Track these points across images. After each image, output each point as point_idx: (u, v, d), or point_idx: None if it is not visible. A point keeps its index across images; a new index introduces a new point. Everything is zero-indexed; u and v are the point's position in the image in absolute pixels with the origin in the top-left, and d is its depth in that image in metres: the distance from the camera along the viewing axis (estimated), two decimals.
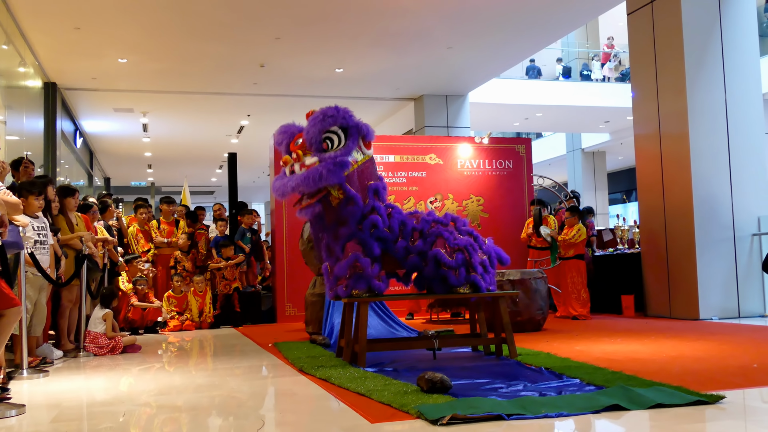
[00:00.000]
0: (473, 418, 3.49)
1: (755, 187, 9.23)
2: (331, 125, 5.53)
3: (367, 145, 5.72)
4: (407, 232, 5.73)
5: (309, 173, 5.35)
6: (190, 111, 16.51)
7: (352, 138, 5.58)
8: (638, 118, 9.98)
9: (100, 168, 23.25)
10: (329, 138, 5.53)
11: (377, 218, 5.58)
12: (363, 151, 5.68)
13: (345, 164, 5.45)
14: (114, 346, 7.17)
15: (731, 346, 6.15)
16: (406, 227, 5.73)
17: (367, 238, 5.55)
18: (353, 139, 5.59)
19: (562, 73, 20.10)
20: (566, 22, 11.67)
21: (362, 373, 5.04)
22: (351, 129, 5.59)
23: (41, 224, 6.26)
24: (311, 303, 7.99)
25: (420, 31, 11.45)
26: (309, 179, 5.34)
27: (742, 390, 4.19)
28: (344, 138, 5.56)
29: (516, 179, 11.76)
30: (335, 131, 5.55)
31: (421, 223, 5.81)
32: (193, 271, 10.51)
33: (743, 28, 9.40)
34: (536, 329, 8.13)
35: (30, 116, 12.17)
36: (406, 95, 15.49)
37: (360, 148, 5.65)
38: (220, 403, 4.43)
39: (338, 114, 5.58)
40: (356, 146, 5.60)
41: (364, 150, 5.69)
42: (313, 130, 5.52)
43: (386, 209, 5.74)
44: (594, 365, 5.05)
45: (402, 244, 5.68)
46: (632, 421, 3.55)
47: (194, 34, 11.21)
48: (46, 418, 4.06)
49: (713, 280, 8.89)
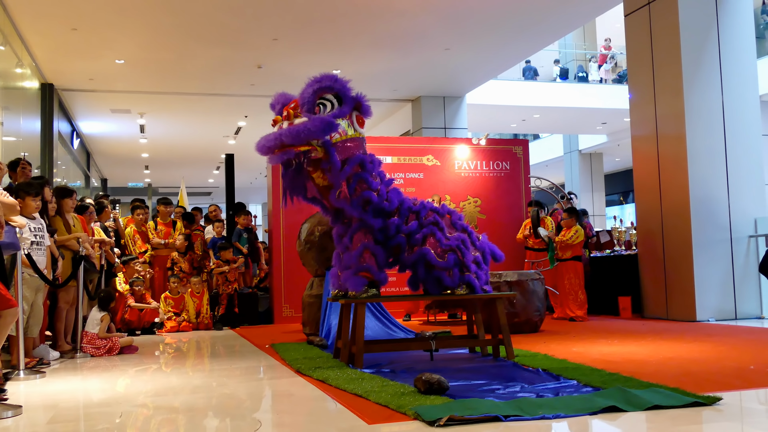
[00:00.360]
0: (470, 420, 3.49)
1: (752, 189, 9.24)
2: (327, 90, 5.49)
3: (360, 122, 5.66)
4: (403, 210, 5.70)
5: (293, 127, 5.27)
6: (188, 112, 16.50)
7: (345, 106, 5.54)
8: (635, 120, 9.99)
9: (97, 169, 23.23)
10: (322, 103, 5.49)
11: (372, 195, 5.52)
12: (354, 126, 5.60)
13: (332, 125, 5.33)
14: (111, 347, 7.16)
15: (728, 348, 6.15)
16: (404, 203, 5.71)
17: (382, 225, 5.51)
18: (346, 107, 5.53)
19: (560, 75, 20.12)
20: (563, 24, 11.69)
21: (359, 374, 5.03)
22: (347, 99, 5.56)
23: (38, 225, 6.25)
24: (308, 304, 7.99)
25: (417, 33, 11.45)
26: (292, 132, 5.25)
27: (739, 392, 4.19)
28: (337, 106, 5.52)
29: (513, 180, 11.77)
30: (330, 99, 5.52)
31: (419, 206, 5.79)
32: (190, 273, 10.50)
33: (740, 29, 9.42)
34: (533, 331, 8.13)
35: (27, 117, 12.16)
36: (404, 96, 15.50)
37: (352, 122, 5.59)
38: (217, 404, 4.43)
39: (336, 82, 5.55)
40: (347, 116, 5.53)
41: (356, 126, 5.61)
42: (308, 91, 5.45)
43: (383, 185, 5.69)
44: (591, 367, 5.05)
45: (395, 221, 5.62)
46: (629, 422, 3.55)
47: (191, 35, 11.21)
48: (42, 419, 4.05)
49: (710, 281, 8.90)
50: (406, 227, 5.66)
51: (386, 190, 5.70)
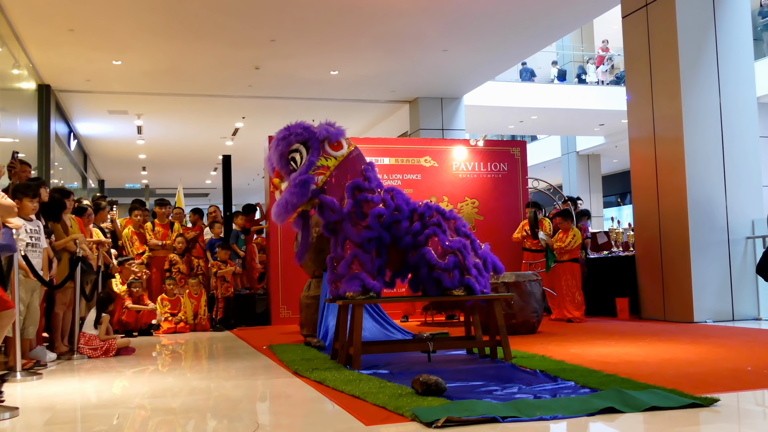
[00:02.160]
0: (468, 421, 3.49)
1: (749, 191, 9.25)
2: (287, 146, 5.72)
3: (336, 146, 5.78)
4: (408, 210, 5.80)
5: (280, 201, 5.64)
6: (185, 113, 16.49)
7: (312, 150, 5.72)
8: (633, 121, 9.99)
9: (94, 170, 23.21)
10: (293, 158, 5.74)
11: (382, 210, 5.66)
12: (332, 154, 5.76)
13: (307, 181, 5.58)
14: (108, 348, 7.15)
15: (725, 349, 6.16)
16: (408, 205, 5.83)
17: (370, 236, 5.59)
18: (314, 151, 5.72)
19: (557, 76, 20.14)
20: (561, 26, 11.70)
21: (357, 375, 5.03)
22: (311, 140, 5.75)
23: (34, 227, 6.24)
24: (306, 305, 7.98)
25: (415, 34, 11.46)
26: (281, 207, 5.63)
27: (736, 393, 4.19)
28: (306, 153, 5.72)
29: (511, 182, 11.77)
30: (297, 149, 5.75)
31: (423, 207, 5.85)
32: (188, 274, 10.49)
33: (737, 31, 9.43)
34: (531, 332, 8.13)
35: (24, 118, 12.15)
36: (401, 98, 15.50)
37: (327, 154, 5.74)
38: (215, 405, 4.42)
39: (290, 133, 5.75)
40: (319, 155, 5.71)
41: (332, 153, 5.76)
42: (275, 157, 5.76)
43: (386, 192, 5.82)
44: (588, 368, 5.05)
45: (405, 224, 5.74)
46: (627, 423, 3.55)
47: (189, 36, 11.20)
48: (39, 421, 4.04)
49: (707, 283, 8.91)
50: (411, 228, 5.76)
51: (390, 197, 5.78)
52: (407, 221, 5.76)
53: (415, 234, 5.73)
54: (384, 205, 5.72)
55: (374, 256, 5.67)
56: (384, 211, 5.66)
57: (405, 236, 5.73)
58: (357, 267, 5.56)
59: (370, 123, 17.67)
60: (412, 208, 5.83)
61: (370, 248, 5.62)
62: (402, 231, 5.72)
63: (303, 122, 5.84)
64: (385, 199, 5.77)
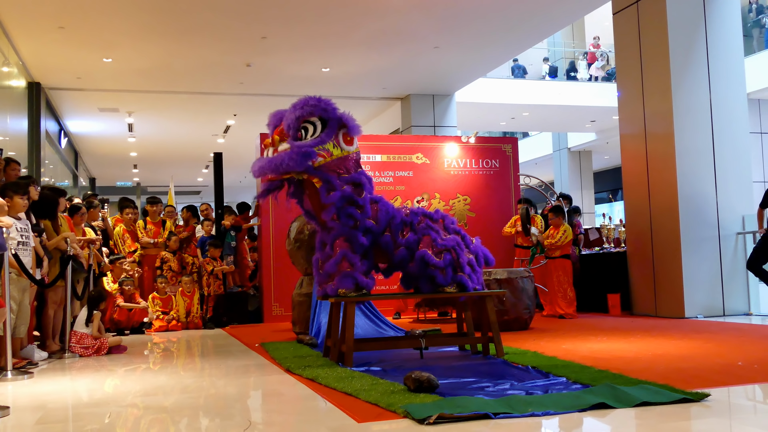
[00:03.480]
0: (460, 417, 3.49)
1: (740, 187, 9.29)
2: (309, 114, 5.54)
3: (348, 141, 5.66)
4: (396, 225, 5.72)
5: (274, 158, 5.46)
6: (176, 111, 16.44)
7: (329, 130, 5.57)
8: (624, 118, 10.02)
9: (85, 168, 23.12)
10: (305, 127, 5.56)
11: (354, 211, 5.58)
12: (341, 146, 5.61)
13: (310, 154, 5.43)
14: (99, 347, 7.13)
15: (716, 345, 6.19)
16: (395, 219, 5.73)
17: (353, 233, 5.56)
18: (329, 132, 5.57)
19: (549, 73, 20.16)
20: (552, 22, 11.71)
21: (349, 372, 5.03)
22: (330, 121, 5.59)
23: (24, 225, 6.22)
24: (298, 303, 7.98)
25: (407, 31, 11.45)
26: (272, 164, 5.46)
27: (727, 388, 4.21)
28: (320, 129, 5.56)
29: (503, 178, 11.78)
30: (313, 121, 5.57)
31: (411, 215, 5.82)
32: (179, 272, 10.46)
33: (728, 28, 9.46)
34: (523, 328, 8.14)
35: (14, 116, 12.09)
36: (393, 95, 15.50)
37: (338, 143, 5.60)
38: (207, 403, 4.42)
39: (319, 104, 5.59)
40: (332, 139, 5.56)
41: (342, 145, 5.62)
42: (291, 117, 5.55)
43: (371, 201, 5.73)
44: (580, 364, 5.06)
45: (388, 238, 5.67)
46: (618, 419, 3.56)
47: (180, 33, 11.17)
48: (30, 420, 4.03)
49: (698, 278, 8.94)
50: (404, 240, 5.69)
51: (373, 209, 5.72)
52: (396, 234, 5.70)
53: (408, 246, 5.70)
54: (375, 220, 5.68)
55: (363, 256, 5.65)
56: (374, 227, 5.63)
57: (399, 248, 5.71)
58: (346, 266, 5.54)
59: (361, 120, 17.54)
60: (399, 219, 5.76)
61: (356, 249, 5.60)
62: (389, 244, 5.68)
63: (331, 101, 5.68)
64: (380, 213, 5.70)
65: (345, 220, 5.55)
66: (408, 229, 5.76)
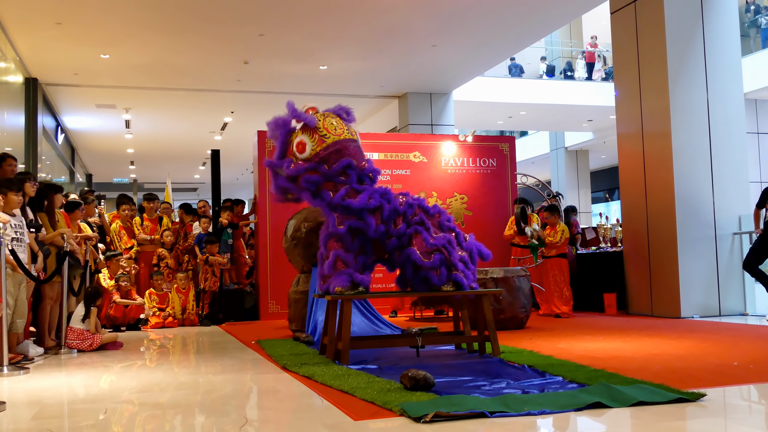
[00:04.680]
0: (456, 416, 3.50)
1: (736, 187, 9.31)
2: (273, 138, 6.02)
3: (300, 147, 5.84)
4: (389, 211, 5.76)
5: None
6: (173, 107, 16.42)
7: (280, 145, 5.92)
8: (621, 117, 10.03)
9: (82, 164, 23.09)
10: None
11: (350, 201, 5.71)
12: (295, 153, 5.88)
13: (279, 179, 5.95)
14: (91, 342, 7.12)
15: (712, 344, 6.20)
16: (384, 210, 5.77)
17: (343, 233, 5.59)
18: (280, 146, 5.91)
19: (546, 72, 20.17)
20: (550, 21, 11.71)
21: (345, 370, 5.04)
22: (280, 137, 5.96)
23: (18, 222, 6.22)
24: (294, 300, 7.98)
25: (404, 29, 11.44)
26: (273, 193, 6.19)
27: (722, 388, 4.22)
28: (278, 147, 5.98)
29: (500, 177, 11.79)
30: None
31: (405, 206, 5.83)
32: (176, 269, 10.46)
33: (725, 27, 9.48)
34: (519, 327, 8.15)
35: (11, 112, 12.06)
36: (391, 93, 15.49)
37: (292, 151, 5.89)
38: (203, 400, 4.42)
39: (270, 127, 6.00)
40: (282, 148, 5.88)
41: (296, 152, 5.88)
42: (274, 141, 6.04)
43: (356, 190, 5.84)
44: (576, 363, 5.07)
45: (382, 228, 5.72)
46: (614, 418, 3.56)
47: (177, 30, 11.15)
48: (26, 416, 4.02)
49: (695, 278, 8.96)
50: (395, 230, 5.70)
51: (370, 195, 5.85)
52: (385, 225, 5.75)
53: (399, 236, 5.74)
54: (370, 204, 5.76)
55: (358, 253, 5.67)
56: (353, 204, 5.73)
57: (390, 238, 5.73)
58: (341, 266, 5.57)
59: (359, 118, 17.62)
60: (393, 207, 5.80)
61: (353, 247, 5.62)
62: (380, 234, 5.73)
63: (280, 118, 5.95)
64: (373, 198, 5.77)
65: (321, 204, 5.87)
66: (401, 220, 5.77)
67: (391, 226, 5.73)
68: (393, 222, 5.75)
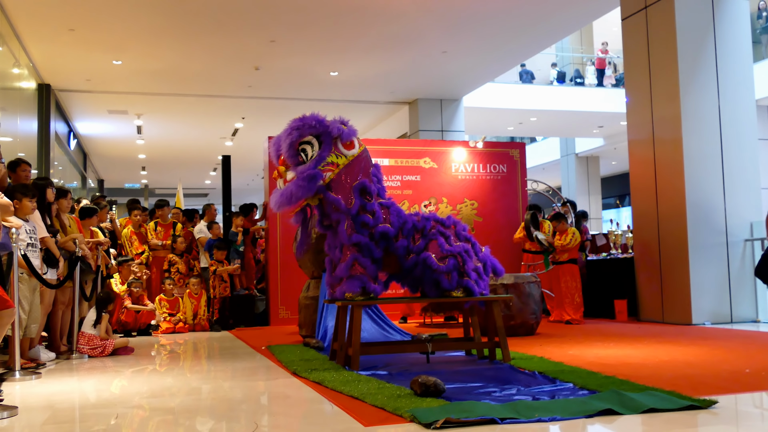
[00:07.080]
0: (467, 422, 3.49)
1: (748, 193, 9.26)
2: (299, 137, 5.60)
3: (348, 145, 5.71)
4: (407, 229, 5.75)
5: (285, 191, 5.50)
6: (185, 113, 16.50)
7: (325, 144, 5.63)
8: (632, 124, 10.00)
9: (94, 170, 23.21)
10: (303, 149, 5.62)
11: (367, 217, 5.60)
12: (343, 153, 5.67)
13: (316, 176, 5.50)
14: (104, 348, 7.15)
15: (724, 352, 6.17)
16: (407, 224, 5.76)
17: (368, 242, 5.57)
18: (326, 146, 5.62)
19: (557, 78, 20.15)
20: (561, 27, 11.71)
21: (355, 376, 5.04)
22: (323, 135, 5.65)
23: (31, 227, 6.25)
24: (305, 306, 7.98)
25: (415, 35, 11.47)
26: (285, 197, 5.50)
27: (734, 395, 4.20)
28: (318, 146, 5.62)
29: (510, 183, 11.78)
30: (309, 141, 5.63)
31: (422, 221, 5.83)
32: (187, 274, 10.49)
33: (737, 34, 9.44)
34: (529, 333, 8.13)
35: (24, 118, 12.15)
36: (401, 99, 15.51)
37: (338, 152, 5.66)
38: (213, 405, 4.43)
39: (305, 124, 5.63)
40: (330, 151, 5.61)
41: (344, 151, 5.68)
42: (285, 146, 5.62)
43: (381, 206, 5.75)
44: (587, 370, 5.05)
45: (403, 243, 5.70)
46: (625, 425, 3.55)
47: (189, 36, 11.21)
48: (38, 420, 4.04)
49: (706, 285, 8.92)
50: (415, 246, 5.74)
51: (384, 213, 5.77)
52: (406, 240, 5.73)
53: (418, 252, 5.73)
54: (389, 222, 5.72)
55: (374, 261, 5.67)
56: (370, 221, 5.62)
57: (409, 256, 5.73)
58: (358, 269, 5.55)
59: (369, 124, 17.68)
60: (411, 225, 5.78)
61: (366, 254, 5.61)
62: (401, 249, 5.70)
63: (317, 114, 5.71)
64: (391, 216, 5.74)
65: (360, 229, 5.59)
66: (419, 236, 5.78)
67: (411, 243, 5.74)
68: (412, 238, 5.76)
